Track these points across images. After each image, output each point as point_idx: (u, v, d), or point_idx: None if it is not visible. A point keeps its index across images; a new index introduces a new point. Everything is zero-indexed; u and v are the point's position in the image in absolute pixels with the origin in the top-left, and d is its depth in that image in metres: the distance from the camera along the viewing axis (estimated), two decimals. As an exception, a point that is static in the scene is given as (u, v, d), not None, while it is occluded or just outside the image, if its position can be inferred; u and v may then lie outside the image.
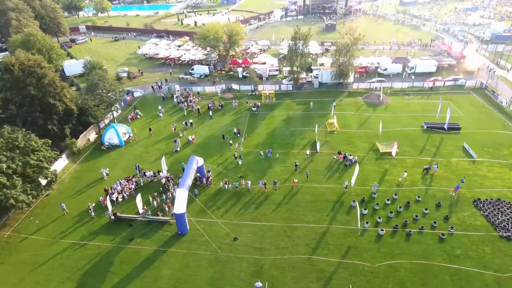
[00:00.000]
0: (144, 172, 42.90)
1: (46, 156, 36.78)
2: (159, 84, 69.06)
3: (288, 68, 71.96)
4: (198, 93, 65.88)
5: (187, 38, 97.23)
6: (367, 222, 35.02)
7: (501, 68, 73.88)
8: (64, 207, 37.57)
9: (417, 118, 54.37)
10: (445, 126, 50.82)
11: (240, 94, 65.61)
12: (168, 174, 42.23)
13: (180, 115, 58.93)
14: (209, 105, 60.25)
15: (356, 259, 31.57)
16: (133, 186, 40.87)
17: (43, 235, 35.52)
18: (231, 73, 74.55)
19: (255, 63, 75.72)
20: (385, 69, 71.21)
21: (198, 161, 39.34)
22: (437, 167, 42.17)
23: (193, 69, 74.83)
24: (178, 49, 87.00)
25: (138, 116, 58.43)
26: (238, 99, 62.83)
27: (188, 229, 34.85)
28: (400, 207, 37.03)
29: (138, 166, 44.12)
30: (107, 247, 33.79)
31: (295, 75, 64.58)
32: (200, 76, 73.64)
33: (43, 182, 37.67)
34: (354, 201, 37.50)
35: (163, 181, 41.56)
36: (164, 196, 39.28)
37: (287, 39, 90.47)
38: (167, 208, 37.51)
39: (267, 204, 38.39)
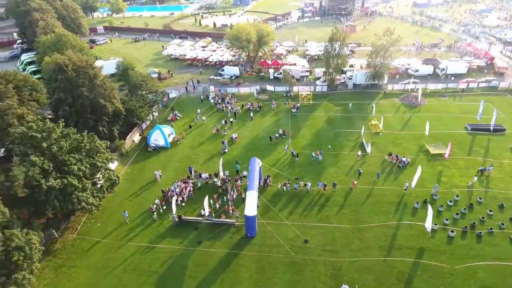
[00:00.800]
0: (200, 174, 42.53)
1: (108, 158, 36.33)
2: (193, 85, 68.77)
3: (320, 69, 72.39)
4: (233, 94, 65.60)
5: (209, 39, 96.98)
6: (435, 224, 34.91)
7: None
8: (127, 215, 37.04)
9: (459, 120, 54.42)
10: (491, 128, 50.93)
11: (275, 95, 65.43)
12: (225, 176, 41.89)
13: (218, 116, 58.65)
14: (248, 106, 60.06)
15: (433, 260, 31.45)
16: (190, 188, 40.50)
17: (109, 238, 35.12)
18: (262, 74, 74.33)
19: (285, 64, 75.59)
20: (417, 71, 71.25)
21: (259, 162, 39.07)
22: (492, 168, 42.20)
23: (223, 70, 74.55)
24: (203, 50, 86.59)
25: (177, 118, 58.04)
26: (274, 100, 62.67)
27: (256, 231, 34.54)
28: (465, 208, 36.98)
29: (192, 168, 43.75)
30: (177, 250, 33.45)
31: (331, 76, 64.51)
32: (231, 77, 73.36)
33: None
34: (417, 202, 37.51)
35: (219, 183, 41.22)
36: (225, 198, 38.95)
37: (311, 41, 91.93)
38: (230, 211, 37.19)
39: (329, 206, 38.21)
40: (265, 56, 77.83)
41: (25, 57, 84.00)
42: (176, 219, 36.25)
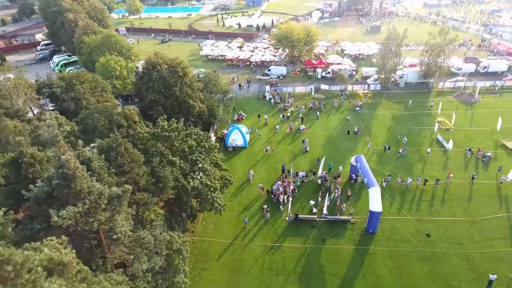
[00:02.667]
0: (297, 173, 42.45)
1: (221, 158, 35.85)
2: (247, 85, 68.62)
3: (367, 68, 73.37)
4: (290, 93, 65.70)
5: (241, 39, 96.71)
6: (546, 215, 35.96)
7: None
8: (247, 220, 36.54)
9: (520, 114, 56.13)
10: (556, 122, 52.80)
11: (330, 94, 65.88)
12: (325, 174, 41.96)
13: (280, 115, 58.60)
14: (311, 105, 60.30)
15: (559, 250, 32.40)
16: (292, 187, 40.37)
17: (228, 238, 34.67)
18: (310, 73, 74.67)
19: (329, 63, 76.21)
20: (460, 69, 73.05)
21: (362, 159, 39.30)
22: None
23: (269, 70, 74.49)
24: (242, 50, 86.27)
25: (243, 117, 57.69)
26: (328, 99, 63.18)
27: (377, 227, 34.78)
28: None
29: (285, 166, 43.64)
30: (304, 248, 33.34)
31: (387, 75, 65.45)
32: (278, 77, 73.42)
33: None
34: (521, 195, 38.58)
35: (319, 181, 41.29)
36: (331, 196, 39.02)
37: (342, 40, 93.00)
38: (343, 208, 37.28)
39: (435, 201, 38.82)
40: (310, 56, 78.17)
41: (58, 58, 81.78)
42: (292, 218, 36.07)
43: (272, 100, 62.46)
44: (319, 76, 73.06)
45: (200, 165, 30.95)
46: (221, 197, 32.55)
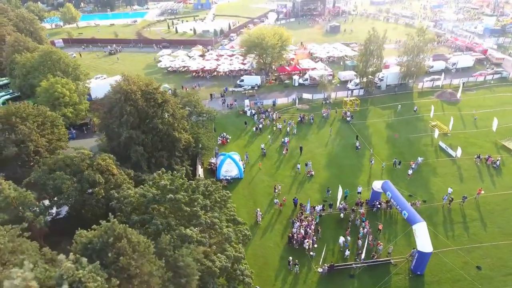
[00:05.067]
0: (314, 207, 36.22)
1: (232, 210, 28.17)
2: (222, 99, 60.96)
3: (345, 72, 69.85)
4: (273, 106, 59.42)
5: (200, 47, 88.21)
6: None
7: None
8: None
9: (506, 113, 55.80)
10: (542, 117, 53.18)
11: (315, 104, 60.87)
12: (345, 204, 36.29)
13: (268, 133, 52.15)
14: (299, 119, 54.61)
15: None
16: (313, 227, 34.09)
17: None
18: (286, 81, 69.01)
19: (305, 69, 71.42)
20: (432, 67, 72.66)
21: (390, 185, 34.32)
22: None
23: (242, 80, 67.51)
24: (205, 59, 77.98)
25: (228, 140, 50.11)
26: (314, 110, 58.21)
27: (425, 268, 29.93)
28: None
29: (297, 200, 37.26)
30: (352, 309, 27.28)
31: (369, 79, 62.13)
32: (253, 87, 66.77)
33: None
34: (547, 204, 36.51)
35: (342, 215, 35.56)
36: (360, 232, 33.46)
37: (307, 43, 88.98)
38: (379, 246, 31.92)
39: (468, 222, 35.24)
40: (283, 62, 72.62)
41: (-19, 82, 66.51)
42: (327, 269, 29.81)
43: (256, 117, 55.52)
44: (296, 84, 67.83)
45: (218, 229, 23.23)
46: (247, 265, 25.15)
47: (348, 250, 31.76)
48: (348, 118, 54.74)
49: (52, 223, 26.70)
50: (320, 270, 30.10)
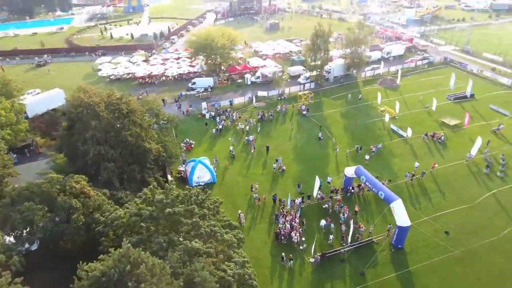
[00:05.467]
0: (294, 201, 36.90)
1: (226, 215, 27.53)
2: (177, 104, 58.97)
3: (293, 68, 72.04)
4: (230, 106, 59.06)
5: (142, 51, 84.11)
6: (516, 183, 39.54)
7: (436, 44, 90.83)
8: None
9: (439, 93, 62.32)
10: (468, 95, 60.43)
11: (271, 101, 61.88)
12: (322, 194, 37.59)
13: (230, 134, 51.89)
14: (259, 117, 55.08)
15: (545, 214, 35.66)
16: (297, 220, 34.78)
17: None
18: (239, 81, 68.99)
19: (255, 67, 72.16)
20: (370, 57, 78.23)
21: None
22: (503, 126, 50.24)
23: (194, 83, 65.97)
24: (151, 64, 74.60)
25: (192, 146, 48.71)
26: (271, 106, 59.32)
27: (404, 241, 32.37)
28: (518, 164, 43.10)
29: (276, 196, 37.69)
30: (349, 291, 28.51)
31: (319, 72, 64.89)
32: (206, 89, 65.64)
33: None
34: (486, 168, 41.68)
35: (326, 205, 36.79)
36: (342, 218, 35.00)
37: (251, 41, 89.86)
38: (361, 228, 33.69)
39: (430, 193, 38.85)
40: (232, 62, 72.42)
41: None
42: (319, 258, 30.67)
43: (218, 119, 54.64)
44: (249, 83, 68.25)
45: (219, 237, 22.57)
46: (252, 268, 24.82)
47: (332, 235, 33.06)
48: (304, 112, 56.62)
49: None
50: (312, 260, 30.89)
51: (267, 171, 43.60)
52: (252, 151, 47.16)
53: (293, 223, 34.11)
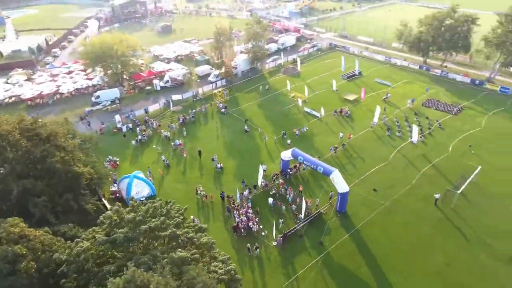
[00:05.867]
0: (242, 193, 37.65)
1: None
2: (86, 122, 53.08)
3: (200, 68, 72.09)
4: (146, 114, 56.01)
5: (21, 70, 72.38)
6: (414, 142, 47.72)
7: (319, 32, 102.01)
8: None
9: (334, 74, 70.66)
10: (357, 73, 70.08)
11: (187, 103, 60.90)
12: (266, 181, 39.31)
13: (156, 141, 49.78)
14: (181, 121, 53.79)
15: (434, 158, 44.48)
16: (250, 211, 35.78)
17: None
18: (148, 88, 65.59)
19: (160, 72, 69.64)
20: (269, 49, 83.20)
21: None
22: (390, 95, 60.09)
23: (98, 97, 60.26)
24: (37, 83, 64.98)
25: (117, 163, 44.93)
26: (189, 108, 58.70)
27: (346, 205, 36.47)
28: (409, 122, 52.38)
29: (224, 193, 38.00)
30: (316, 263, 30.96)
31: (228, 69, 66.37)
32: (112, 102, 60.72)
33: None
34: (388, 131, 49.67)
35: (273, 191, 38.62)
36: (289, 199, 37.40)
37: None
38: (309, 203, 36.55)
39: (353, 160, 44.38)
40: (135, 69, 68.27)
41: None
42: (281, 240, 32.36)
43: (138, 130, 51.29)
44: (159, 88, 65.70)
45: (196, 241, 22.04)
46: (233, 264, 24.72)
47: (281, 219, 35.17)
48: (222, 110, 57.39)
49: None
50: (275, 243, 32.46)
51: (206, 171, 43.39)
52: (184, 155, 46.11)
53: (248, 214, 35.06)
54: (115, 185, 39.78)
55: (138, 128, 51.57)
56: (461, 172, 40.87)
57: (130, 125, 52.56)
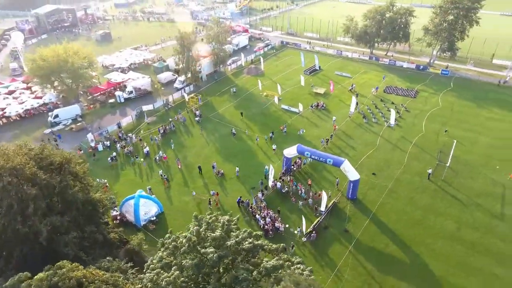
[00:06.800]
0: (257, 195, 37.24)
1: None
2: (54, 145, 47.12)
3: (162, 75, 69.01)
4: (119, 127, 51.86)
5: None
6: (392, 125, 52.11)
7: (266, 31, 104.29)
8: None
9: (297, 71, 73.01)
10: (317, 67, 73.52)
11: (160, 113, 57.79)
12: (275, 181, 39.46)
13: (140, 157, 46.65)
14: (161, 132, 50.95)
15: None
16: (271, 212, 35.67)
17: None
18: (111, 101, 60.54)
19: (119, 83, 64.86)
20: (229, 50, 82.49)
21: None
22: (355, 85, 64.33)
23: (56, 116, 53.95)
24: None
25: (107, 185, 41.01)
26: (163, 117, 56.00)
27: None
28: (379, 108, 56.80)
29: (240, 198, 37.32)
30: (349, 251, 32.26)
31: (195, 74, 64.48)
32: (74, 120, 54.98)
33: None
34: (364, 118, 53.34)
35: (284, 189, 38.92)
36: (303, 194, 38.12)
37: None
38: (321, 197, 37.62)
39: (344, 150, 46.76)
40: (94, 82, 62.46)
41: None
42: (316, 235, 32.98)
43: (119, 146, 47.27)
44: (123, 100, 61.17)
45: (267, 248, 21.57)
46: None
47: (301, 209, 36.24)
48: (197, 118, 55.38)
49: None
50: (304, 239, 32.96)
51: (208, 180, 41.96)
52: (179, 167, 43.96)
53: (271, 214, 34.99)
54: (115, 209, 36.33)
55: (118, 145, 47.59)
56: (439, 147, 45.99)
57: (108, 143, 48.23)
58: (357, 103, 56.35)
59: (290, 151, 40.48)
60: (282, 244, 22.97)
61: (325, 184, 40.51)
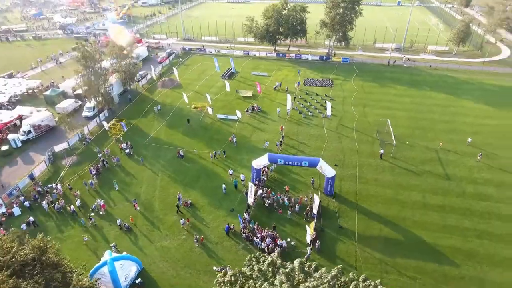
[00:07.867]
0: (244, 218, 34.18)
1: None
2: None
3: (64, 104, 57.67)
4: (32, 179, 40.83)
5: None
6: (329, 116, 54.94)
7: (160, 39, 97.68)
8: None
9: (214, 76, 70.38)
10: (234, 70, 72.42)
11: (79, 150, 47.79)
12: (263, 193, 36.94)
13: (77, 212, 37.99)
14: (93, 172, 42.24)
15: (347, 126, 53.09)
16: (265, 229, 33.32)
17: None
18: (4, 148, 46.97)
19: (8, 123, 51.25)
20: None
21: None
22: (279, 83, 65.63)
23: None
24: None
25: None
26: (87, 155, 46.85)
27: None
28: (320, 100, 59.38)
29: (228, 226, 33.58)
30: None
31: (105, 97, 55.52)
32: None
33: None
34: (302, 114, 55.16)
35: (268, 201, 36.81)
36: (286, 202, 36.84)
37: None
38: (305, 199, 37.12)
39: (297, 147, 47.25)
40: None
41: None
42: (318, 244, 32.09)
43: (45, 203, 36.90)
44: (19, 144, 48.45)
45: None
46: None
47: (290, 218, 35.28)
48: (127, 151, 47.51)
49: None
50: (309, 251, 31.85)
51: (179, 216, 36.53)
52: (137, 208, 37.24)
53: (270, 233, 32.75)
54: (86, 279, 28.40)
55: (44, 202, 37.34)
56: (375, 128, 50.82)
57: (28, 203, 37.36)
58: (294, 98, 57.65)
59: (260, 162, 38.58)
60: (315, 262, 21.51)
61: (299, 186, 40.19)
